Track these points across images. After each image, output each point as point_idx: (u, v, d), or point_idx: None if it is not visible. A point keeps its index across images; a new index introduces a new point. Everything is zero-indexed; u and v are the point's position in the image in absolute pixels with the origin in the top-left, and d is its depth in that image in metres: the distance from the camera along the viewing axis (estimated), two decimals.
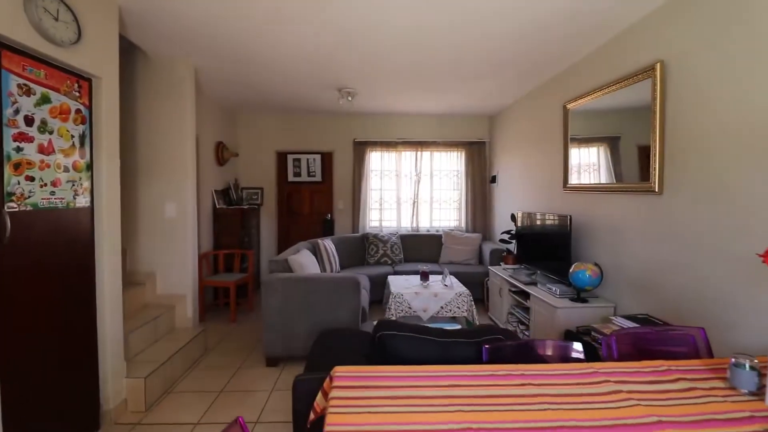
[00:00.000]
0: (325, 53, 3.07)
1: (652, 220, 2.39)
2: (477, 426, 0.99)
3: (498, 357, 1.41)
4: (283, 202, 5.50)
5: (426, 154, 5.48)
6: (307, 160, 5.44)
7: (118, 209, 2.29)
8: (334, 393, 1.14)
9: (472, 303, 3.43)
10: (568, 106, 3.26)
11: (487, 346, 1.42)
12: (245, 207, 4.76)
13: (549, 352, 1.47)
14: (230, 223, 4.52)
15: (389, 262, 4.86)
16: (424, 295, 3.43)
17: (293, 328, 2.94)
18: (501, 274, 3.80)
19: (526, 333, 3.28)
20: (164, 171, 3.17)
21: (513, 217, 4.13)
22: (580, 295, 2.82)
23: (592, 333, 2.40)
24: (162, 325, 3.02)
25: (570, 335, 2.54)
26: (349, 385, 1.19)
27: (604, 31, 2.65)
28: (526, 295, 3.36)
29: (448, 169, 5.57)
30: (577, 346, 1.47)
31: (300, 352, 2.95)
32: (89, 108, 2.09)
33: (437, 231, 5.52)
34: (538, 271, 3.52)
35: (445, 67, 3.45)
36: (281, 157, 5.46)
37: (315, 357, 1.96)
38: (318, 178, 5.47)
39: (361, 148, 5.35)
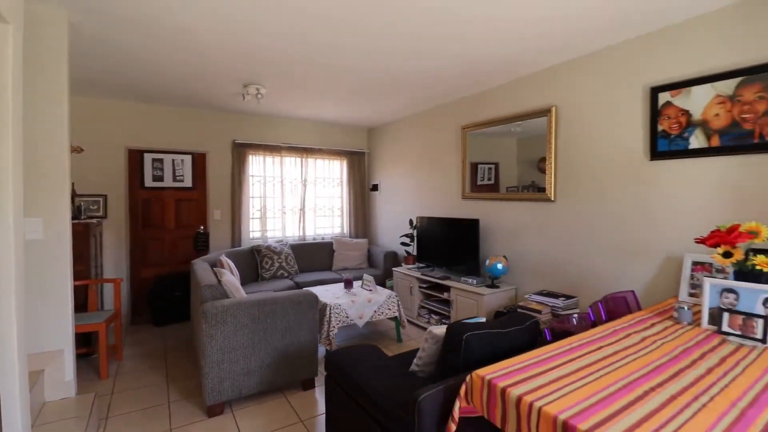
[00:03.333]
0: (245, 30, 2.47)
1: (547, 221, 3.26)
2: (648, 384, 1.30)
3: (553, 334, 1.76)
4: (137, 214, 4.30)
5: (311, 161, 5.39)
6: (173, 161, 4.45)
7: (22, 249, 1.47)
8: (514, 391, 1.22)
9: (400, 303, 3.70)
10: (467, 130, 3.98)
11: (547, 328, 1.75)
12: (90, 221, 3.52)
13: (573, 323, 1.93)
14: (75, 245, 3.26)
15: (286, 274, 4.56)
16: (359, 303, 3.47)
17: (246, 362, 2.50)
18: (410, 273, 4.22)
19: (445, 321, 3.79)
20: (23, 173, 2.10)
21: (411, 222, 4.62)
22: (493, 282, 3.53)
23: (518, 309, 3.08)
24: (32, 404, 2.01)
25: (501, 315, 3.16)
26: (516, 381, 1.28)
27: (502, 76, 3.44)
28: (441, 289, 3.89)
29: (330, 177, 5.64)
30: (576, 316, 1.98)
31: (255, 388, 2.54)
32: None
33: (323, 238, 5.51)
34: (443, 268, 4.11)
35: (366, 82, 3.62)
36: (135, 157, 4.26)
37: (355, 383, 1.82)
38: (188, 183, 4.54)
39: (241, 151, 4.78)
